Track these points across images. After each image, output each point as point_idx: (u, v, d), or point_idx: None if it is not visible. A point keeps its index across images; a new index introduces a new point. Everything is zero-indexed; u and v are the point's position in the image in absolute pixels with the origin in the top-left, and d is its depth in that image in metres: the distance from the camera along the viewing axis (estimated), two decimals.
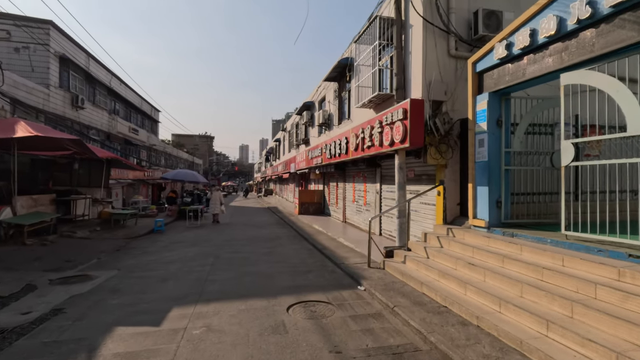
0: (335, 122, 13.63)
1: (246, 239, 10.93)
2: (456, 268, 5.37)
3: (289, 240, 10.80)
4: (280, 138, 30.83)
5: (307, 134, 18.75)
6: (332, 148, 12.30)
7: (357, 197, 12.57)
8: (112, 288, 5.66)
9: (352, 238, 10.14)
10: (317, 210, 17.43)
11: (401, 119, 6.98)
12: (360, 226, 12.13)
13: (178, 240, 10.62)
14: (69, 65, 17.12)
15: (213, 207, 15.43)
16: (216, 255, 8.38)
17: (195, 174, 17.95)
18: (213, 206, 15.45)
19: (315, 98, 16.91)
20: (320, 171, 15.98)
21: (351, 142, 10.20)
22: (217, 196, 15.56)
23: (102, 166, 12.74)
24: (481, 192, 6.13)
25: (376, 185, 10.79)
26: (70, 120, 17.31)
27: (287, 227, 13.96)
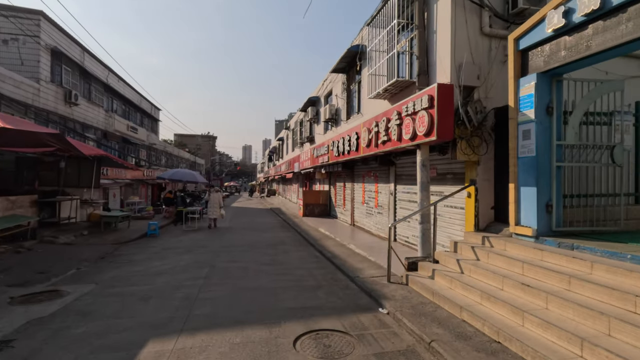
0: (343, 118, 12.61)
1: (246, 244, 9.94)
2: (503, 288, 4.33)
3: (293, 246, 9.80)
4: (284, 137, 29.85)
5: (312, 131, 17.74)
6: (340, 145, 11.28)
7: (367, 198, 11.55)
8: (81, 310, 4.68)
9: (363, 244, 9.11)
10: (323, 212, 16.42)
11: (426, 108, 5.95)
12: (371, 230, 11.10)
13: (172, 246, 9.65)
14: (61, 59, 16.25)
15: (211, 210, 13.53)
16: (212, 264, 7.39)
17: (194, 173, 17.01)
18: (211, 210, 13.54)
19: (321, 93, 15.89)
20: (326, 170, 14.98)
21: (362, 138, 9.18)
22: (217, 198, 13.68)
23: (93, 165, 11.82)
24: (527, 194, 5.08)
25: (390, 185, 9.76)
26: (64, 117, 16.45)
27: (291, 231, 12.97)
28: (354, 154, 10.09)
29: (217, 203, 13.67)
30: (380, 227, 10.47)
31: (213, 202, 13.59)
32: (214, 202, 13.59)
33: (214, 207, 13.56)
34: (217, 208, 13.65)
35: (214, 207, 13.58)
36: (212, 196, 13.71)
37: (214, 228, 13.43)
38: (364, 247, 8.68)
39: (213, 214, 13.56)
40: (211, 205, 13.60)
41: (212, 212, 13.56)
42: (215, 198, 13.68)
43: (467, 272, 5.06)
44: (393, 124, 7.24)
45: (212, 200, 13.64)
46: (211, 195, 13.73)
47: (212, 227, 13.48)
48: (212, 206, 13.58)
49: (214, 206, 13.58)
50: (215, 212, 13.60)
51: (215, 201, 13.62)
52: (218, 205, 13.71)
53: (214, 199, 13.64)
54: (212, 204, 13.59)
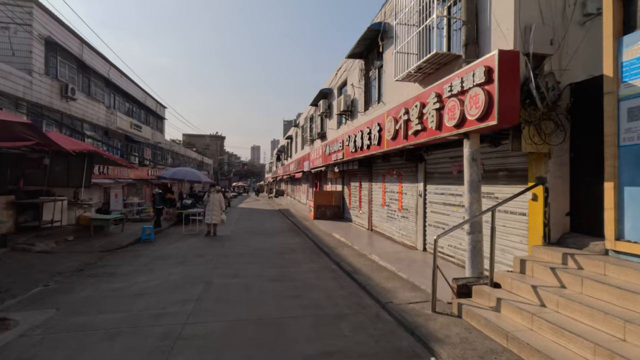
0: (361, 109, 11.23)
1: (251, 253, 8.64)
2: (626, 339, 2.90)
3: (305, 255, 8.45)
4: (292, 135, 28.59)
5: (323, 126, 16.41)
6: (357, 139, 9.91)
7: (389, 200, 10.15)
8: (17, 358, 3.41)
9: (387, 254, 7.72)
10: (336, 215, 15.05)
11: (481, 84, 4.54)
12: (393, 237, 9.69)
13: (165, 254, 8.40)
14: (56, 50, 15.24)
15: (210, 214, 11.21)
16: (207, 280, 6.09)
17: (197, 172, 15.84)
18: (210, 213, 11.20)
19: (334, 84, 14.54)
20: (340, 169, 13.62)
21: (386, 130, 7.80)
22: (217, 200, 11.34)
23: (83, 162, 10.69)
24: (634, 197, 3.64)
25: (418, 185, 8.34)
26: (60, 113, 15.46)
27: (301, 236, 11.64)
28: (374, 149, 8.71)
29: (218, 206, 11.42)
30: (405, 233, 9.05)
31: (213, 204, 11.32)
32: (214, 204, 11.32)
33: (213, 211, 11.31)
34: (217, 211, 11.39)
35: (214, 210, 11.33)
36: (212, 197, 11.36)
37: (213, 236, 11.37)
38: (390, 259, 7.28)
39: (212, 218, 11.28)
40: (210, 208, 11.31)
41: (211, 217, 11.27)
42: (215, 200, 11.37)
43: (553, 306, 3.63)
44: (430, 109, 5.85)
45: (212, 202, 11.33)
46: (211, 196, 11.37)
47: (211, 235, 11.38)
48: (211, 209, 11.31)
49: (214, 209, 11.33)
50: (214, 217, 11.31)
51: (215, 203, 11.34)
52: (219, 208, 11.46)
53: (213, 201, 11.35)
54: (211, 207, 11.32)
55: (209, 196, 11.49)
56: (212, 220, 11.30)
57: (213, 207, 11.32)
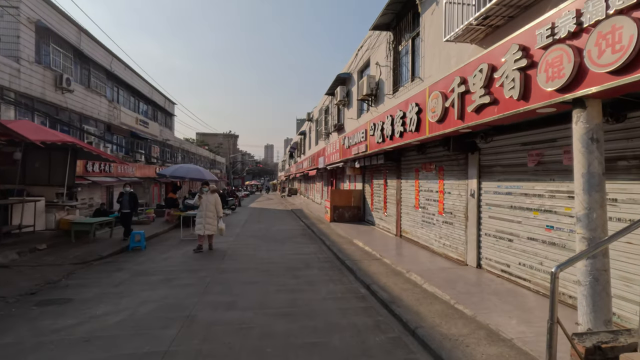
0: (388, 91, 9.37)
1: (255, 267, 6.95)
2: None
3: (323, 271, 6.70)
4: (306, 130, 26.88)
5: (340, 117, 14.60)
6: (385, 127, 8.09)
7: (424, 200, 8.27)
8: None
9: (430, 273, 5.87)
10: (355, 217, 13.24)
11: (629, 9, 2.67)
12: (432, 246, 7.82)
13: (150, 268, 6.80)
14: (49, 37, 13.99)
15: (200, 223, 8.25)
16: (190, 315, 4.41)
17: (201, 169, 14.31)
18: (200, 221, 8.25)
19: (353, 67, 12.70)
20: (361, 164, 11.80)
21: (429, 110, 5.96)
22: (211, 203, 8.33)
23: (66, 157, 9.27)
24: None
25: (468, 182, 6.45)
26: (55, 106, 14.23)
27: (316, 242, 9.91)
28: (410, 137, 6.88)
29: (213, 210, 8.36)
30: (448, 243, 7.18)
31: (206, 208, 8.26)
32: (208, 208, 8.27)
33: (206, 217, 8.22)
34: (212, 219, 8.33)
35: (207, 216, 8.24)
36: (205, 199, 8.32)
37: (199, 251, 8.22)
38: (437, 280, 5.44)
39: (205, 228, 8.19)
40: (202, 215, 8.23)
41: (203, 225, 8.20)
42: (209, 203, 8.32)
43: None
44: (507, 71, 3.99)
45: (204, 205, 8.29)
46: (203, 198, 8.33)
47: (203, 250, 8.33)
48: (203, 215, 8.22)
49: (207, 215, 8.24)
50: (208, 226, 8.23)
51: (209, 207, 8.28)
52: (214, 213, 8.39)
53: (207, 204, 8.29)
54: (203, 212, 8.24)
55: (200, 198, 8.41)
56: (205, 230, 8.21)
57: (206, 212, 8.25)
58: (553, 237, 4.64)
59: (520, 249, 5.21)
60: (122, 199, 9.51)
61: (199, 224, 8.33)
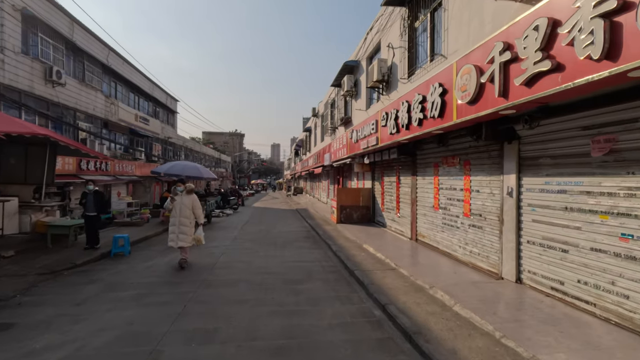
0: (402, 75, 8.25)
1: (248, 279, 5.91)
2: None
3: (328, 285, 5.62)
4: (311, 126, 25.81)
5: (348, 110, 13.50)
6: (400, 115, 7.01)
7: (445, 200, 7.15)
8: None
9: (459, 288, 4.75)
10: (364, 218, 12.15)
11: None
12: (455, 253, 6.69)
13: (125, 281, 5.80)
14: (37, 26, 13.18)
15: (173, 232, 6.53)
16: (154, 350, 3.37)
17: (198, 167, 13.37)
18: (172, 230, 6.55)
19: (362, 53, 11.58)
20: (370, 160, 10.71)
21: (458, 89, 4.86)
22: (187, 207, 6.58)
23: (45, 153, 8.37)
24: None
25: (504, 178, 5.32)
26: (45, 100, 13.42)
27: (321, 247, 8.85)
28: (432, 124, 5.79)
29: (190, 217, 6.59)
30: (476, 250, 6.05)
31: (180, 213, 6.53)
32: (182, 213, 6.53)
33: (180, 225, 6.51)
34: (188, 227, 6.57)
35: (182, 224, 6.52)
36: (179, 202, 6.58)
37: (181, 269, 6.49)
38: (469, 300, 4.33)
39: (178, 238, 6.47)
40: (175, 222, 6.54)
41: (176, 235, 6.48)
42: (184, 206, 6.54)
43: None
44: (583, 21, 2.88)
45: (177, 209, 6.55)
46: (176, 201, 6.59)
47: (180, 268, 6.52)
48: (177, 223, 6.52)
49: (181, 222, 6.52)
50: (182, 236, 6.48)
51: (184, 212, 6.53)
52: (190, 220, 6.61)
53: (181, 209, 6.54)
54: (175, 219, 6.54)
55: (172, 200, 6.59)
56: (179, 241, 6.44)
57: (180, 218, 6.50)
58: (633, 249, 3.51)
59: (579, 263, 4.08)
60: (86, 199, 7.87)
61: (171, 233, 6.51)
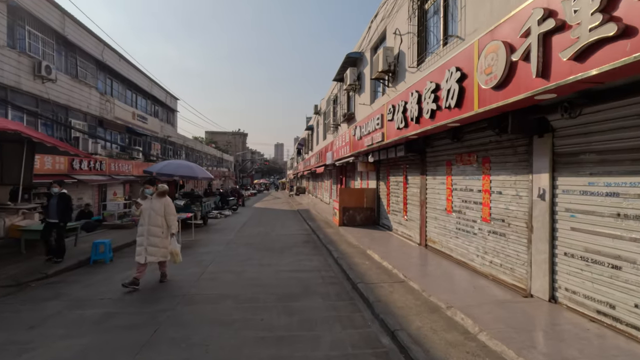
0: (411, 63, 7.47)
1: (237, 294, 5.16)
2: None
3: (327, 301, 4.87)
4: (314, 124, 25.07)
5: (351, 105, 12.73)
6: (409, 107, 6.24)
7: (459, 202, 6.35)
8: None
9: (482, 309, 3.97)
10: (368, 220, 11.38)
11: None
12: (472, 263, 5.90)
13: (94, 296, 5.09)
14: (24, 19, 12.58)
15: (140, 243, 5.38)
16: None
17: (192, 165, 12.67)
18: (140, 241, 5.37)
19: (366, 44, 10.80)
20: (375, 158, 9.94)
21: (481, 72, 4.09)
22: (157, 212, 5.44)
23: (22, 151, 7.72)
24: None
25: (533, 178, 4.52)
26: (34, 97, 12.82)
27: (322, 253, 8.10)
28: (447, 116, 5.01)
29: (160, 225, 5.43)
30: (497, 261, 5.25)
31: (148, 220, 5.40)
32: (151, 220, 5.40)
33: (148, 235, 5.37)
34: (157, 237, 5.40)
35: (150, 233, 5.38)
36: (147, 207, 5.44)
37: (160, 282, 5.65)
38: (501, 326, 3.55)
39: (145, 251, 5.32)
40: (143, 232, 5.39)
41: (144, 248, 5.33)
42: (153, 211, 5.42)
43: None
44: None
45: (146, 216, 5.41)
46: (144, 205, 5.46)
47: (139, 287, 5.35)
48: (144, 232, 5.38)
49: (150, 232, 5.38)
50: (152, 249, 5.36)
51: (153, 220, 5.40)
52: (162, 228, 5.46)
53: (149, 214, 5.41)
54: (144, 227, 5.40)
55: (137, 205, 5.41)
56: (148, 255, 5.26)
57: (149, 227, 5.32)
58: None
59: (636, 283, 3.29)
60: (49, 203, 6.79)
61: (139, 245, 5.30)
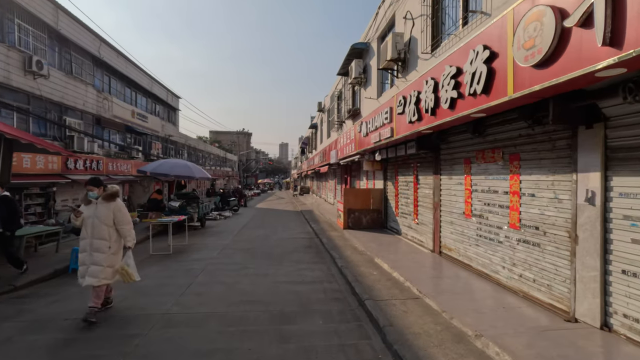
0: (425, 48, 6.70)
1: (224, 313, 4.45)
2: None
3: (330, 323, 4.11)
4: (317, 122, 24.34)
5: (356, 101, 11.97)
6: (424, 97, 5.47)
7: (481, 206, 5.57)
8: None
9: (521, 339, 3.18)
10: (375, 223, 10.62)
11: None
12: (497, 276, 5.11)
13: (61, 314, 4.41)
14: (13, 11, 12.02)
15: (82, 262, 4.14)
16: None
17: (189, 164, 11.99)
18: (83, 259, 4.14)
19: (372, 33, 10.02)
20: (382, 156, 9.18)
21: (521, 47, 3.31)
22: (102, 222, 4.15)
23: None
24: None
25: (578, 178, 3.74)
26: (26, 93, 12.26)
27: (324, 260, 7.36)
28: (471, 105, 4.25)
29: (105, 237, 4.19)
30: (530, 275, 4.46)
31: (91, 232, 4.15)
32: (94, 232, 4.15)
33: (91, 251, 4.14)
34: (102, 252, 4.16)
35: (94, 248, 4.15)
36: (90, 213, 4.18)
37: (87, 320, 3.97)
38: None
39: (86, 271, 4.11)
40: (85, 246, 4.17)
41: (86, 267, 4.12)
42: (97, 220, 4.16)
43: None
44: None
45: (88, 226, 4.16)
46: (85, 212, 4.19)
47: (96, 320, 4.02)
48: (86, 246, 4.16)
49: (94, 247, 4.15)
50: (94, 268, 4.10)
51: (97, 231, 4.16)
52: (109, 241, 4.22)
53: (92, 224, 4.15)
54: (86, 240, 4.17)
55: (77, 214, 4.16)
56: (88, 277, 4.08)
57: (92, 240, 4.16)
58: None
59: None
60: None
61: (81, 264, 4.12)
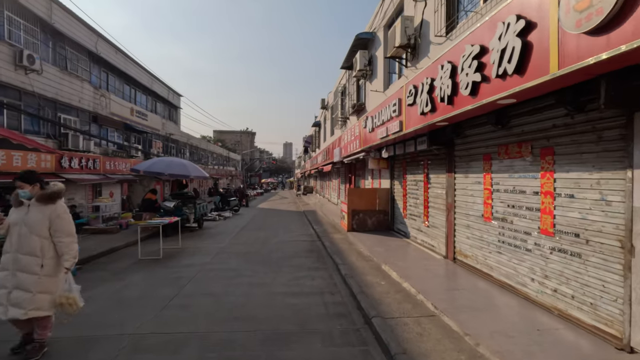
0: (438, 31, 6.01)
1: (207, 333, 3.82)
2: None
3: (330, 348, 3.46)
4: (321, 120, 23.69)
5: (360, 95, 11.30)
6: (439, 84, 4.81)
7: (504, 208, 4.89)
8: None
9: None
10: (381, 225, 9.95)
11: None
12: (526, 289, 4.43)
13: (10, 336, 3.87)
14: (3, 4, 11.53)
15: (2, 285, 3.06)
16: None
17: (185, 163, 11.41)
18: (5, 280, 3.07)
19: (378, 22, 9.34)
20: (389, 153, 8.51)
21: (570, 12, 2.61)
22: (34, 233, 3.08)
23: None
24: None
25: (633, 175, 3.05)
26: (17, 89, 11.78)
27: (327, 267, 6.72)
28: (499, 89, 3.58)
29: (37, 252, 3.09)
30: (567, 291, 3.78)
31: (17, 245, 3.07)
32: (21, 245, 3.07)
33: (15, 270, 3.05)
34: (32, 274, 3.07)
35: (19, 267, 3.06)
36: (17, 220, 3.12)
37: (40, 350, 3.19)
38: None
39: (7, 300, 3.02)
40: (7, 263, 3.09)
41: (7, 293, 3.04)
42: (24, 229, 3.09)
43: None
44: None
45: (14, 237, 3.09)
46: (10, 218, 3.17)
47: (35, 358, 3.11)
48: (8, 263, 3.08)
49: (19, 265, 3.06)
50: (19, 294, 3.03)
51: (25, 243, 3.08)
52: (41, 259, 3.10)
53: (18, 235, 3.08)
54: (9, 255, 3.09)
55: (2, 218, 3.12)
56: (11, 307, 3.01)
57: (17, 254, 3.07)
58: None
59: None
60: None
61: (1, 287, 3.08)
